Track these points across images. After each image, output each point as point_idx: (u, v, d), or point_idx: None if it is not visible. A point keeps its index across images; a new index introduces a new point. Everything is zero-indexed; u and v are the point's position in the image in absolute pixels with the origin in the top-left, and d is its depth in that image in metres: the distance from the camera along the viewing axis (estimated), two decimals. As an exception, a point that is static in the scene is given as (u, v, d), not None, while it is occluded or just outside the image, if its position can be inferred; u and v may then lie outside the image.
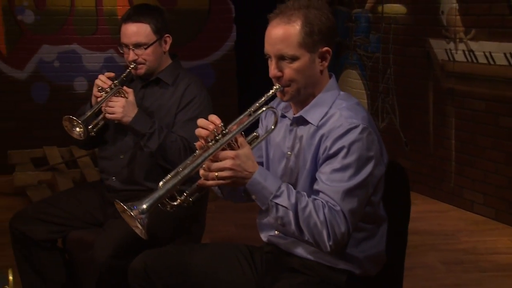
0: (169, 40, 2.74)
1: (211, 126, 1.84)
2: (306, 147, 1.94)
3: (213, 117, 1.87)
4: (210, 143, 1.83)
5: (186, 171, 1.81)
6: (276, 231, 2.03)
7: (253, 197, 1.87)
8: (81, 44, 5.66)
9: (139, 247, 2.35)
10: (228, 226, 4.39)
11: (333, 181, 1.83)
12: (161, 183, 1.82)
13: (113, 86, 2.58)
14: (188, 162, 1.84)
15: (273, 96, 1.95)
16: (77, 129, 2.53)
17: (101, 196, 2.76)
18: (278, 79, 1.91)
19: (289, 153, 1.99)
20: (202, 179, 1.85)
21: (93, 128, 2.56)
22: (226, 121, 2.72)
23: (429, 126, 4.93)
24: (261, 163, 2.10)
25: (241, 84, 6.01)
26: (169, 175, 1.84)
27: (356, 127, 1.84)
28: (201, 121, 1.87)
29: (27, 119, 5.66)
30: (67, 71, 5.68)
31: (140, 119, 2.55)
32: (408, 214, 2.12)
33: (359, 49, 5.57)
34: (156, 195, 1.79)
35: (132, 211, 1.75)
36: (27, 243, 2.63)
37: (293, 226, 1.82)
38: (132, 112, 2.55)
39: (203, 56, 5.76)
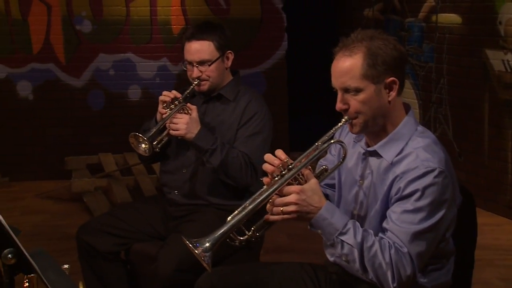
0: (231, 56, 2.78)
1: (277, 162, 1.86)
2: (378, 182, 1.93)
3: (279, 152, 1.89)
4: (276, 178, 1.84)
5: (251, 206, 1.83)
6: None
7: (319, 231, 1.87)
8: (135, 53, 5.77)
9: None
10: (280, 236, 4.41)
11: (403, 222, 1.81)
12: (229, 218, 1.85)
13: (177, 103, 2.63)
14: (255, 196, 1.86)
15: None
16: (143, 145, 2.59)
17: (162, 210, 2.81)
18: (345, 111, 1.92)
19: (361, 181, 1.99)
20: (268, 213, 1.87)
21: (157, 144, 2.62)
22: (275, 129, 2.73)
23: (483, 138, 4.86)
24: (333, 185, 2.11)
25: (292, 92, 6.03)
26: (236, 211, 1.85)
27: (432, 170, 1.81)
28: (267, 157, 1.89)
29: (83, 126, 5.80)
30: (122, 79, 5.80)
31: (203, 135, 2.60)
32: (474, 242, 2.10)
33: (411, 59, 5.53)
34: (219, 232, 1.81)
35: (196, 249, 1.77)
36: (93, 254, 2.71)
37: (357, 265, 1.82)
38: (196, 128, 2.59)
39: (255, 65, 5.80)
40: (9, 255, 1.66)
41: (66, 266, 2.06)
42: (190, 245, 1.78)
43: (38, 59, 5.67)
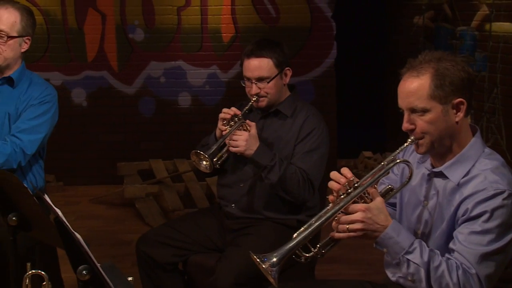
0: (289, 73, 2.82)
1: (343, 180, 1.88)
2: (444, 203, 1.94)
3: (345, 171, 1.91)
4: (342, 196, 1.87)
5: (317, 223, 1.85)
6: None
7: (384, 250, 1.89)
8: (186, 61, 5.86)
9: (260, 276, 2.43)
10: (330, 246, 4.42)
11: (470, 243, 1.81)
12: (295, 235, 1.88)
13: (237, 120, 2.68)
14: (321, 214, 1.89)
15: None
16: (204, 162, 2.63)
17: (220, 223, 2.87)
18: (411, 132, 1.93)
19: (426, 202, 2.00)
20: (334, 231, 1.89)
21: (217, 161, 2.66)
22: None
23: (538, 148, 4.78)
24: (394, 204, 2.13)
25: (341, 100, 6.03)
26: (302, 228, 1.88)
27: (501, 193, 1.82)
28: (333, 174, 1.91)
29: (134, 132, 5.93)
30: (172, 86, 5.89)
31: (262, 152, 2.64)
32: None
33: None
34: (286, 247, 1.84)
35: (263, 264, 1.80)
36: (152, 265, 2.78)
37: (423, 284, 1.83)
38: (255, 145, 2.63)
39: (304, 73, 5.82)
40: (84, 271, 1.74)
41: (130, 278, 2.13)
42: (258, 260, 1.82)
43: (92, 67, 5.81)
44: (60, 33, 5.72)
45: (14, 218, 2.12)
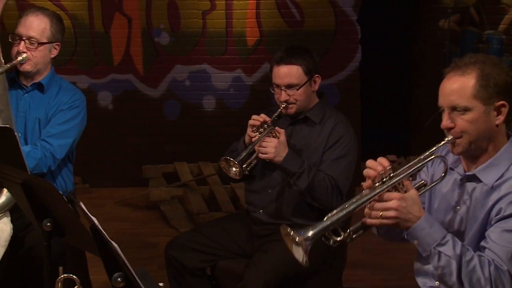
0: (318, 80, 2.83)
1: (380, 168, 1.89)
2: (477, 207, 1.94)
3: (382, 160, 1.92)
4: (377, 184, 1.88)
5: (351, 207, 1.87)
6: (436, 282, 2.05)
7: (415, 242, 1.90)
8: (211, 64, 5.89)
9: (288, 282, 2.46)
10: (355, 251, 4.42)
11: (503, 241, 1.83)
12: (326, 217, 1.89)
13: (266, 127, 2.70)
14: (354, 200, 1.90)
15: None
16: (234, 169, 2.66)
17: (248, 228, 2.89)
18: (449, 130, 1.94)
19: (458, 207, 2.01)
20: (366, 217, 1.91)
21: (247, 167, 2.68)
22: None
23: None
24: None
25: (365, 103, 6.02)
26: (334, 211, 1.90)
27: None
28: (369, 162, 1.92)
29: (159, 135, 5.97)
30: (197, 89, 5.93)
31: (290, 158, 2.65)
32: None
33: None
34: (321, 225, 1.85)
35: (298, 237, 1.81)
36: (180, 269, 2.81)
37: (454, 278, 1.84)
38: (284, 152, 2.65)
39: (328, 76, 5.81)
40: (119, 279, 1.77)
41: (161, 284, 2.17)
42: (293, 233, 1.80)
43: (118, 70, 5.87)
44: (87, 37, 5.79)
45: (48, 224, 2.15)
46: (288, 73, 2.74)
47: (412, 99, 6.55)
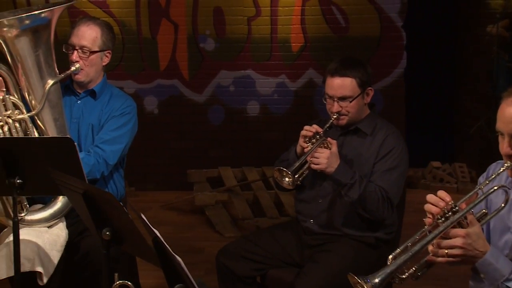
0: (371, 93, 2.85)
1: (442, 204, 1.89)
2: None
3: (443, 194, 1.91)
4: (440, 220, 1.88)
5: (416, 248, 1.86)
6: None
7: (482, 275, 1.89)
8: (255, 70, 5.93)
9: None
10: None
11: None
12: (390, 256, 1.89)
13: (318, 137, 2.71)
14: (417, 237, 1.90)
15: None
16: (286, 179, 2.68)
17: (298, 237, 2.91)
18: (510, 157, 1.93)
19: None
20: (430, 255, 1.90)
21: (299, 177, 2.70)
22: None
23: None
24: None
25: (409, 109, 5.98)
26: (398, 249, 1.90)
27: None
28: (430, 197, 1.92)
29: (203, 139, 6.04)
30: (241, 95, 5.98)
31: (342, 169, 2.67)
32: None
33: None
34: (388, 270, 1.85)
35: (365, 284, 1.83)
36: (231, 277, 2.85)
37: None
38: (336, 163, 2.66)
39: (372, 83, 5.77)
40: (180, 291, 1.81)
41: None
42: (360, 280, 1.82)
43: (164, 75, 5.97)
44: (135, 43, 5.90)
45: (107, 233, 2.21)
46: (341, 85, 2.75)
47: (457, 105, 6.47)
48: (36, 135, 2.85)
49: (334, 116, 2.78)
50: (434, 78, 6.35)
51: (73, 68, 2.98)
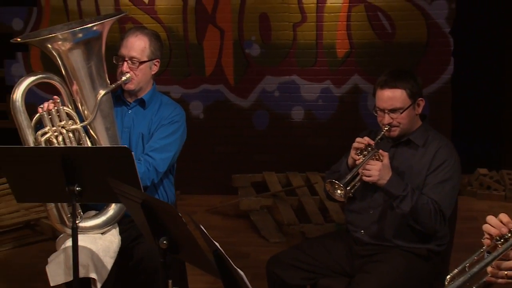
0: (422, 104, 2.84)
1: (504, 230, 1.88)
2: None
3: (505, 218, 1.90)
4: (499, 242, 1.87)
5: (475, 269, 1.85)
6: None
7: None
8: (300, 75, 5.95)
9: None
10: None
11: None
12: (448, 276, 1.89)
13: (369, 150, 2.72)
14: (475, 258, 1.89)
15: None
16: (339, 191, 2.69)
17: (348, 247, 2.92)
18: None
19: None
20: (489, 275, 1.89)
21: (350, 189, 2.71)
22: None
23: None
24: None
25: (456, 117, 5.91)
26: (456, 270, 1.89)
27: None
28: (490, 219, 1.90)
29: (248, 144, 6.09)
30: (286, 100, 6.01)
31: (394, 181, 2.67)
32: None
33: None
34: None
35: None
36: (281, 286, 2.87)
37: None
38: (387, 175, 2.67)
39: (419, 88, 5.75)
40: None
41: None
42: None
43: (210, 80, 6.04)
44: (181, 48, 5.98)
45: (164, 242, 2.27)
46: (392, 97, 2.76)
47: (505, 111, 6.37)
48: (89, 144, 2.92)
49: (385, 128, 2.78)
50: (481, 84, 6.27)
51: (123, 78, 3.05)
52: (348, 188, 2.68)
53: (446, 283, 1.86)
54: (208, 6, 5.91)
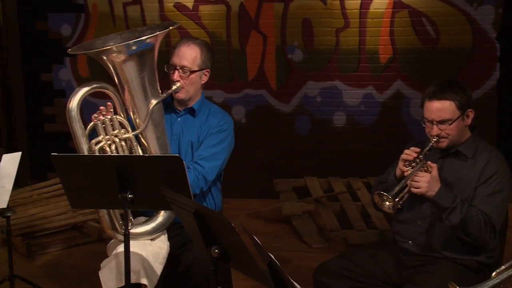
0: (471, 115, 2.82)
1: None
2: None
3: None
4: None
5: None
6: None
7: None
8: (342, 81, 5.95)
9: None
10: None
11: None
12: (494, 273, 1.89)
13: (418, 161, 2.72)
14: None
15: None
16: (387, 203, 2.69)
17: (396, 257, 2.92)
18: None
19: None
20: None
21: (399, 201, 2.71)
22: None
23: None
24: None
25: (501, 124, 5.83)
26: (503, 267, 1.90)
27: None
28: None
29: (289, 149, 6.12)
30: (327, 105, 6.01)
31: (443, 193, 2.66)
32: None
33: None
34: (490, 283, 1.86)
35: None
36: (328, 294, 2.90)
37: None
38: (436, 186, 2.66)
39: (463, 95, 5.68)
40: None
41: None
42: None
43: (252, 85, 6.08)
44: (224, 53, 6.05)
45: (216, 251, 2.32)
46: (440, 108, 2.75)
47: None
48: (140, 152, 2.99)
49: (433, 139, 2.77)
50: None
51: (174, 87, 3.11)
52: (396, 200, 2.68)
53: (493, 274, 1.86)
54: (252, 11, 5.96)
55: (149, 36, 2.90)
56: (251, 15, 5.97)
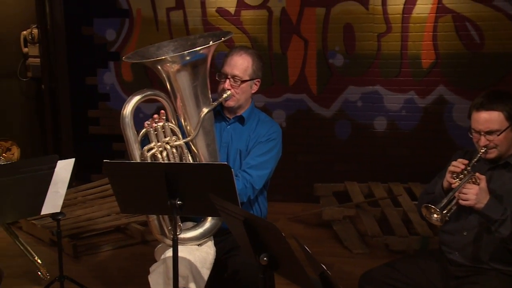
0: (521, 126, 2.80)
1: None
2: None
3: None
4: None
5: None
6: None
7: None
8: (383, 86, 5.94)
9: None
10: None
11: None
12: None
13: (465, 173, 2.71)
14: None
15: None
16: (435, 215, 2.67)
17: (442, 267, 2.91)
18: None
19: None
20: None
21: (447, 213, 2.70)
22: None
23: None
24: None
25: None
26: None
27: None
28: None
29: (330, 153, 6.13)
30: (368, 110, 6.01)
31: (492, 205, 2.65)
32: None
33: None
34: None
35: None
36: (373, 303, 2.92)
37: None
38: (485, 198, 2.65)
39: (507, 100, 5.61)
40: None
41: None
42: None
43: (293, 90, 6.12)
44: (265, 58, 6.06)
45: (265, 259, 2.35)
46: (488, 119, 2.73)
47: None
48: (190, 159, 3.05)
49: (482, 150, 2.76)
50: None
51: (224, 96, 3.16)
52: (444, 212, 2.67)
53: None
54: (293, 16, 5.99)
55: (203, 47, 2.95)
56: (293, 20, 6.00)
